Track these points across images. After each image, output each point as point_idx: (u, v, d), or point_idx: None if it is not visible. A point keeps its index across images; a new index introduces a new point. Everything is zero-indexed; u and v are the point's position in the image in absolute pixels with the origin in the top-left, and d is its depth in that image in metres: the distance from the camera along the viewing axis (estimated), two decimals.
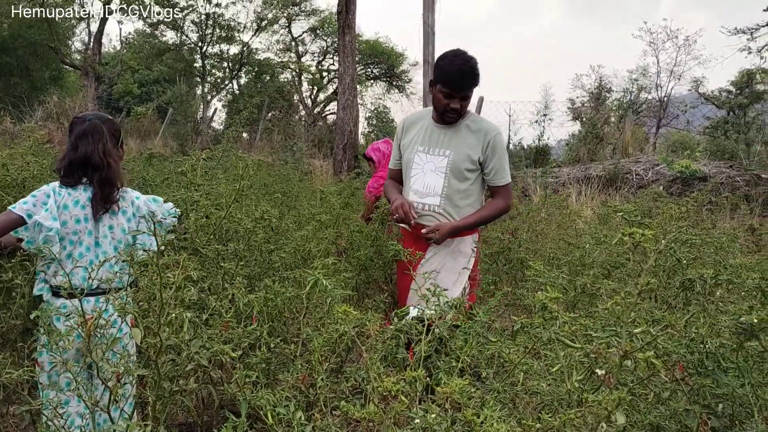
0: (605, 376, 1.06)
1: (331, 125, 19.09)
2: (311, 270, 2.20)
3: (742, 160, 9.41)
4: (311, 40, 24.33)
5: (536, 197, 8.05)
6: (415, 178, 3.06)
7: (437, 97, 2.97)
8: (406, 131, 3.18)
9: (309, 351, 2.04)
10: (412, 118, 3.23)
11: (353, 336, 1.63)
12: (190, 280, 1.59)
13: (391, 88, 24.40)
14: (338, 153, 10.44)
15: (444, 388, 1.12)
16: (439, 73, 2.95)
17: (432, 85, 3.01)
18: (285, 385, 1.84)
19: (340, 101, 10.52)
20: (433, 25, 9.64)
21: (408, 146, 3.12)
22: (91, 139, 2.39)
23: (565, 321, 1.23)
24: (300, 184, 7.08)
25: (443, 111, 2.98)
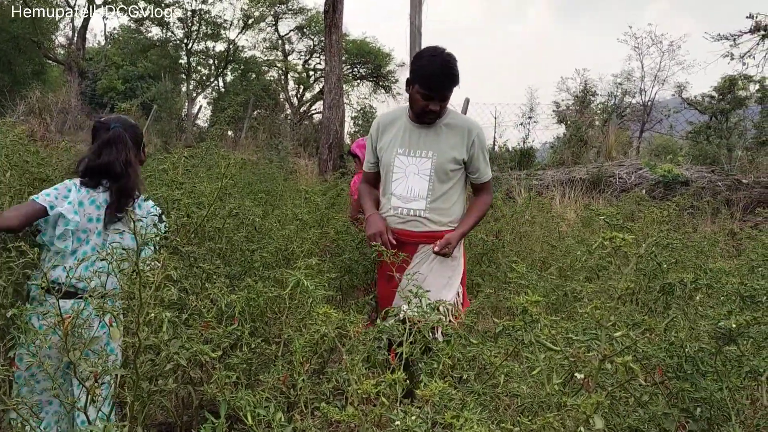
0: (584, 380, 1.06)
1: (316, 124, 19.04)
2: (293, 270, 2.19)
3: (723, 164, 9.53)
4: (298, 39, 24.28)
5: (520, 199, 8.08)
6: (398, 183, 2.94)
7: (415, 98, 2.84)
8: (382, 133, 3.03)
9: (290, 352, 2.03)
10: (386, 118, 3.07)
11: (334, 337, 1.62)
12: (169, 279, 1.57)
13: (377, 88, 24.41)
14: (324, 152, 10.42)
15: (424, 390, 1.12)
16: (416, 74, 2.82)
17: (409, 85, 2.87)
18: (265, 386, 1.82)
19: (326, 100, 10.50)
20: (420, 26, 9.65)
21: (386, 149, 2.98)
22: (115, 149, 2.40)
23: (546, 324, 1.23)
24: (285, 183, 7.05)
25: (421, 113, 2.86)
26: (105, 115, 2.60)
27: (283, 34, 23.85)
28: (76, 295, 2.13)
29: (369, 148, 3.09)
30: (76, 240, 2.28)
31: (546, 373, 1.27)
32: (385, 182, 2.99)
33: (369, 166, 3.11)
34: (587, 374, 1.06)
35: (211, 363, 1.78)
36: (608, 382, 1.09)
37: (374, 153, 3.06)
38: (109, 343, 2.12)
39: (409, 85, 2.86)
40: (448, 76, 2.80)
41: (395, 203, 2.92)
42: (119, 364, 2.03)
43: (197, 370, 1.96)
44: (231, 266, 2.89)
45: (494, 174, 10.42)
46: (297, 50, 24.50)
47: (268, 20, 23.08)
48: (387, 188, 2.97)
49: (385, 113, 3.14)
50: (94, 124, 2.53)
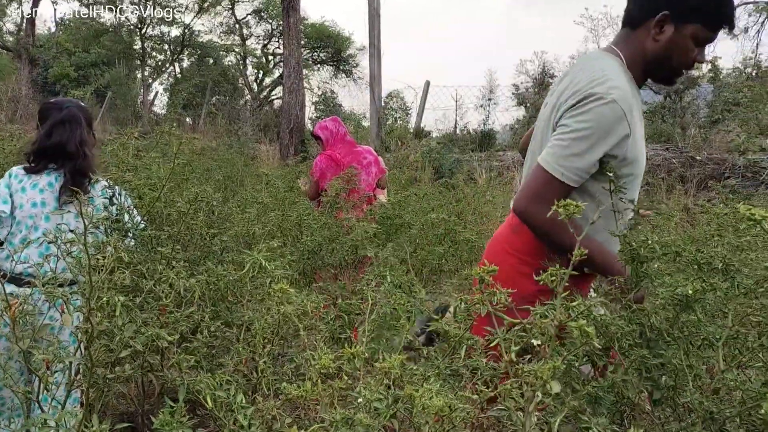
0: (541, 347, 1.07)
1: (277, 110, 18.84)
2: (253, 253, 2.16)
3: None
4: (256, 23, 23.95)
5: (481, 180, 8.15)
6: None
7: (684, 47, 1.74)
8: (634, 118, 1.72)
9: (252, 334, 2.01)
10: (629, 89, 1.73)
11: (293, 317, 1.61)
12: (122, 262, 1.53)
13: (338, 72, 24.26)
14: (284, 137, 10.32)
15: (382, 363, 1.11)
16: (702, 7, 1.71)
17: (667, 24, 1.73)
18: (226, 369, 1.80)
19: (286, 85, 10.39)
20: (378, 8, 9.60)
21: (639, 144, 1.78)
22: (69, 127, 2.32)
23: (504, 293, 1.24)
24: (245, 168, 6.98)
25: (681, 68, 1.82)
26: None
27: (241, 17, 23.48)
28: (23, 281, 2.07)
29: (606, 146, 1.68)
30: (24, 227, 2.22)
31: (503, 343, 1.28)
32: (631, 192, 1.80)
33: (581, 177, 1.71)
34: (544, 341, 1.06)
35: (169, 348, 1.74)
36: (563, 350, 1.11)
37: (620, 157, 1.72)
38: (63, 330, 2.07)
39: (665, 24, 1.74)
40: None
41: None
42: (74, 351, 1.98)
43: (156, 356, 1.92)
44: (190, 251, 2.84)
45: (456, 156, 10.50)
46: (255, 34, 24.18)
47: (225, 4, 22.66)
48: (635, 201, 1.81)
49: (621, 82, 1.72)
50: (41, 107, 2.44)
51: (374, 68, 9.93)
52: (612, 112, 1.65)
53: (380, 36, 9.89)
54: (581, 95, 1.70)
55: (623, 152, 1.70)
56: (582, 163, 1.67)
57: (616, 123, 1.66)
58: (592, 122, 1.66)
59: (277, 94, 22.94)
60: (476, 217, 5.55)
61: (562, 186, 1.69)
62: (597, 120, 1.65)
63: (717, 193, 6.03)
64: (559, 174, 1.68)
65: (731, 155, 7.76)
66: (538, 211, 1.67)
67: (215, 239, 2.89)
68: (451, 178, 8.29)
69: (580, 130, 1.67)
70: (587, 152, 1.67)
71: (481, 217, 5.60)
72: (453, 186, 6.84)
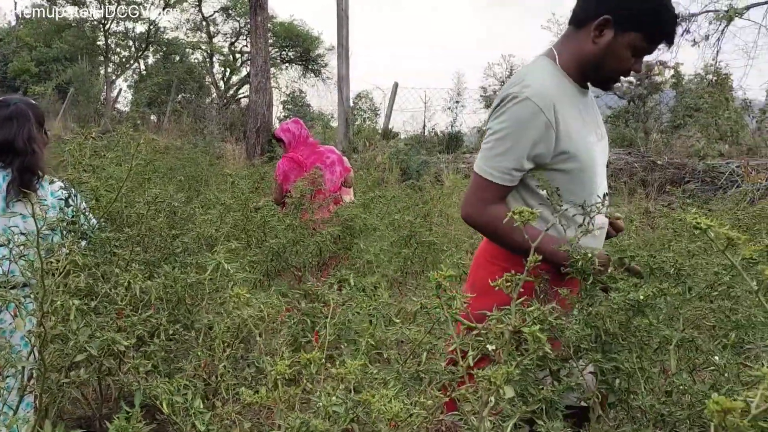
0: (496, 351, 1.08)
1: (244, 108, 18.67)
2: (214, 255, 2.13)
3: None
4: (223, 21, 23.68)
5: (448, 182, 8.20)
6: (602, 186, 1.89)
7: (619, 53, 1.75)
8: (561, 115, 1.75)
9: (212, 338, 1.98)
10: (552, 87, 1.78)
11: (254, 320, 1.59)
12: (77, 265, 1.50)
13: (307, 71, 24.13)
14: (251, 137, 10.23)
15: (339, 369, 1.11)
16: (642, 17, 1.72)
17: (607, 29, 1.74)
18: (185, 374, 1.77)
19: (253, 83, 10.30)
20: (347, 9, 9.58)
21: (574, 137, 1.77)
22: (16, 123, 2.25)
23: (462, 299, 1.25)
24: (210, 168, 6.89)
25: (616, 76, 1.84)
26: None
27: (208, 15, 23.18)
28: None
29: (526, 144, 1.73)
30: None
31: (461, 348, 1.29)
32: (584, 193, 1.80)
33: (512, 176, 1.76)
34: (499, 346, 1.07)
35: (125, 352, 1.71)
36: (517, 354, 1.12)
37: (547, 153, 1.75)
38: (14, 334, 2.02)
39: (605, 29, 1.75)
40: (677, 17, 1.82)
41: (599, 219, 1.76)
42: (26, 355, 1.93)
43: (111, 360, 1.89)
44: (150, 253, 2.79)
45: (423, 158, 10.54)
46: (222, 32, 23.90)
47: (191, 0, 22.37)
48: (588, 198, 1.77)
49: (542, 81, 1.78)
50: None
51: (342, 69, 9.91)
52: (525, 108, 1.71)
53: (349, 37, 9.88)
54: (499, 99, 1.79)
55: (552, 146, 1.73)
56: (508, 162, 1.73)
57: (531, 118, 1.71)
58: (508, 121, 1.73)
59: (245, 92, 22.72)
60: (442, 219, 5.58)
61: (496, 186, 1.75)
62: (513, 118, 1.72)
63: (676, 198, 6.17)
64: (489, 175, 1.75)
65: (691, 160, 7.95)
66: (480, 214, 1.75)
67: (176, 241, 2.85)
68: (418, 179, 8.32)
69: (500, 131, 1.74)
70: (510, 150, 1.73)
71: (447, 219, 5.63)
72: (420, 188, 6.87)
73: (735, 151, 8.34)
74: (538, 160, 1.76)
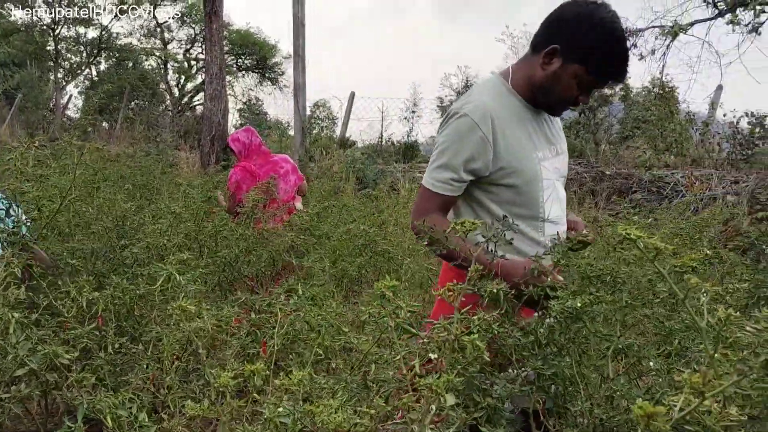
0: (438, 360, 1.10)
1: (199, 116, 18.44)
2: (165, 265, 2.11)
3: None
4: (178, 27, 23.37)
5: (404, 191, 8.25)
6: (551, 201, 1.95)
7: (565, 82, 1.82)
8: (501, 130, 1.84)
9: (160, 351, 1.96)
10: (492, 103, 1.85)
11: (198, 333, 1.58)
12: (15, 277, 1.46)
13: (263, 80, 23.99)
14: (206, 145, 10.10)
15: (283, 380, 1.11)
16: (583, 49, 1.78)
17: (552, 57, 1.82)
18: (130, 387, 1.75)
19: (208, 91, 10.18)
20: (303, 18, 9.58)
21: (516, 151, 1.86)
22: None
23: (408, 308, 1.27)
24: (162, 176, 6.77)
25: (564, 103, 1.91)
26: None
27: (162, 21, 22.85)
28: None
29: (463, 156, 1.83)
30: None
31: (407, 357, 1.31)
32: (530, 206, 1.91)
33: (453, 186, 1.87)
34: (440, 355, 1.10)
35: (70, 365, 1.68)
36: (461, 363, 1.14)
37: (484, 165, 1.84)
38: None
39: (554, 56, 1.82)
40: (628, 59, 1.85)
41: (550, 230, 1.92)
42: None
43: (54, 374, 1.84)
44: (98, 264, 2.74)
45: (380, 167, 10.59)
46: (177, 39, 23.59)
47: (145, 6, 22.01)
48: (535, 214, 1.91)
49: (481, 98, 1.88)
50: None
51: (298, 78, 9.88)
52: (464, 123, 1.82)
53: (305, 46, 9.87)
54: (445, 115, 1.91)
55: (489, 160, 1.82)
56: (447, 173, 1.85)
57: (468, 132, 1.81)
58: (448, 135, 1.86)
59: (200, 99, 22.44)
60: (397, 228, 5.60)
61: (437, 196, 1.87)
62: (452, 133, 1.84)
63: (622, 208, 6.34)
64: (430, 185, 1.87)
65: (638, 170, 8.19)
66: (420, 223, 1.81)
67: (125, 251, 2.80)
68: (374, 188, 8.36)
69: (441, 144, 1.88)
70: (449, 162, 1.84)
71: (402, 228, 5.65)
72: (376, 197, 6.89)
73: (680, 162, 8.63)
74: (477, 173, 1.84)
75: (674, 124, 9.60)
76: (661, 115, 10.11)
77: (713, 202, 6.99)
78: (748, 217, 6.34)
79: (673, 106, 10.36)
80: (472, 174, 1.85)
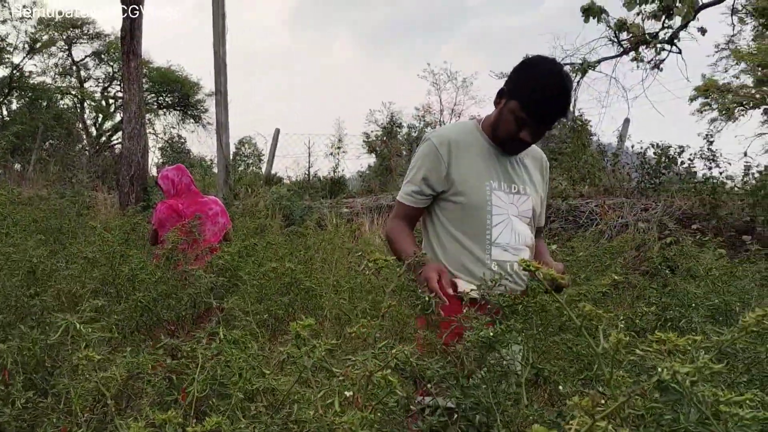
0: (354, 396, 1.11)
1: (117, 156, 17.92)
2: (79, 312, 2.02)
3: None
4: (95, 65, 22.78)
5: (330, 226, 8.26)
6: (500, 227, 2.13)
7: (506, 118, 2.08)
8: (456, 155, 2.16)
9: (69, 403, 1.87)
10: (456, 134, 2.20)
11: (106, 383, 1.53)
12: None
13: (186, 117, 23.62)
14: (125, 185, 9.80)
15: (195, 427, 1.09)
16: (521, 89, 2.05)
17: (501, 98, 2.13)
18: None
19: (126, 130, 9.92)
20: (224, 56, 9.56)
21: (469, 179, 2.14)
22: None
23: (322, 347, 1.27)
24: (78, 219, 6.52)
25: (508, 139, 2.13)
26: None
27: (79, 59, 22.22)
28: None
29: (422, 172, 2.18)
30: None
31: (326, 396, 1.31)
32: (475, 226, 2.14)
33: (415, 198, 2.21)
34: (356, 391, 1.11)
35: None
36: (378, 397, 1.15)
37: (438, 181, 2.17)
38: None
39: (502, 98, 2.13)
40: (563, 104, 2.06)
41: (499, 255, 2.11)
42: None
43: None
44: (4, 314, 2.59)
45: (306, 203, 10.57)
46: (94, 77, 22.97)
47: (60, 44, 21.36)
48: (481, 234, 2.13)
49: (446, 129, 2.29)
50: None
51: (221, 116, 9.81)
52: (427, 147, 2.21)
53: (227, 83, 9.83)
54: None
55: (442, 177, 2.16)
56: (411, 187, 2.23)
57: (429, 153, 2.20)
58: (415, 157, 2.26)
59: (118, 138, 21.82)
60: (325, 265, 5.58)
61: (403, 206, 2.26)
62: (418, 154, 2.24)
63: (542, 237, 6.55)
64: (400, 198, 2.27)
65: (555, 201, 8.51)
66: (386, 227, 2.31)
67: (34, 299, 2.67)
68: (301, 225, 8.31)
69: (411, 164, 2.28)
70: (413, 178, 2.23)
71: (329, 265, 5.64)
72: (302, 233, 6.85)
73: (594, 191, 9.04)
74: (433, 188, 2.19)
75: (587, 156, 10.07)
76: (575, 147, 10.60)
77: (626, 229, 7.35)
78: (658, 243, 6.70)
79: (586, 138, 10.88)
80: (430, 188, 2.20)
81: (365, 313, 3.40)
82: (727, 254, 5.69)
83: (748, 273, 4.54)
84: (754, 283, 4.28)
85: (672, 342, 1.02)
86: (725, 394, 0.99)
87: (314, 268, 5.32)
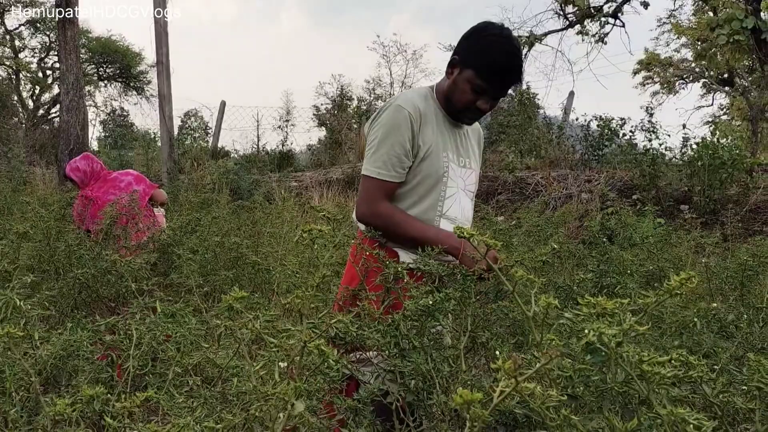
0: (288, 368, 1.10)
1: (56, 129, 17.23)
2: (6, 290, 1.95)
3: None
4: (31, 35, 21.73)
5: (279, 200, 8.18)
6: (451, 201, 2.11)
7: (461, 87, 2.03)
8: (424, 123, 2.05)
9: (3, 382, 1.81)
10: (420, 101, 2.08)
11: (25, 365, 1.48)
12: None
13: (128, 89, 22.84)
14: (63, 159, 9.43)
15: (125, 402, 1.07)
16: (474, 56, 2.01)
17: (454, 67, 2.07)
18: None
19: (64, 102, 9.54)
20: (165, 25, 9.26)
21: (432, 150, 2.05)
22: None
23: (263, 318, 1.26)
24: (14, 195, 6.27)
25: (464, 109, 2.08)
26: None
27: (13, 28, 21.15)
28: None
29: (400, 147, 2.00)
30: None
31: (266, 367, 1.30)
32: (429, 198, 2.08)
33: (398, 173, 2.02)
34: (289, 362, 1.10)
35: None
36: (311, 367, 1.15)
37: (412, 150, 2.03)
38: None
39: (455, 67, 2.06)
40: (518, 68, 2.04)
41: (446, 227, 2.08)
42: None
43: None
44: None
45: (254, 177, 10.42)
46: (30, 47, 21.93)
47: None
48: (433, 207, 2.09)
49: (412, 95, 2.11)
50: None
51: (163, 87, 9.52)
52: (395, 111, 2.00)
53: (169, 54, 9.53)
54: (376, 112, 2.08)
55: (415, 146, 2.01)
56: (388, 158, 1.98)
57: (401, 118, 1.98)
58: (382, 127, 2.00)
59: (57, 111, 21.00)
60: (272, 239, 5.53)
61: (382, 183, 1.99)
62: (385, 123, 2.00)
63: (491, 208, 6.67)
64: (375, 173, 1.98)
65: (503, 173, 8.63)
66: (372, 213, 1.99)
67: None
68: (248, 199, 8.20)
69: (377, 136, 2.01)
70: (382, 146, 1.98)
71: (277, 238, 5.58)
72: (250, 208, 6.76)
73: (539, 164, 9.19)
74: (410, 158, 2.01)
75: (533, 128, 10.22)
76: (522, 120, 10.73)
77: (570, 200, 7.52)
78: (600, 213, 6.88)
79: (532, 111, 11.02)
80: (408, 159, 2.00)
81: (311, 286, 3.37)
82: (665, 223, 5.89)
83: (683, 240, 4.73)
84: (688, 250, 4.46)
85: (601, 305, 1.04)
86: (649, 355, 1.02)
87: (262, 243, 5.27)
